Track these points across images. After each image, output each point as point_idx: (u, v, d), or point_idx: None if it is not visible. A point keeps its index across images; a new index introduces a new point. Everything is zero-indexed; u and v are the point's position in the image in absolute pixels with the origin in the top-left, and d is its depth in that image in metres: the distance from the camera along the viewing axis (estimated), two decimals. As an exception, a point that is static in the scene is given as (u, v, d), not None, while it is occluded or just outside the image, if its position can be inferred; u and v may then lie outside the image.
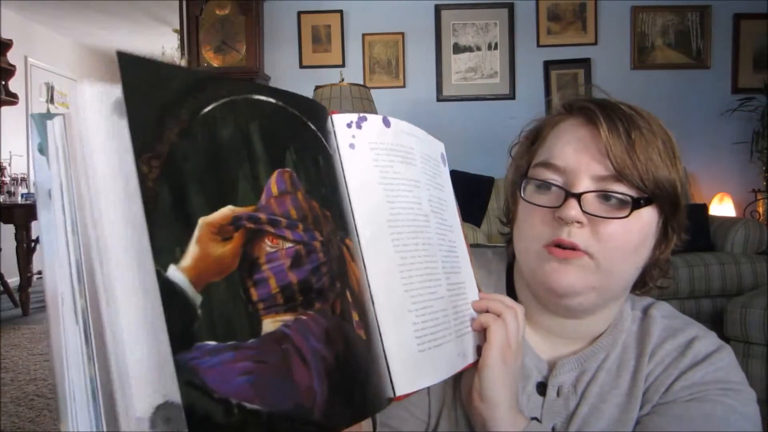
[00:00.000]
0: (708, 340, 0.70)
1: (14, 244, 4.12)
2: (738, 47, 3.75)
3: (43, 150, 0.39)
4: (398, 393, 0.46)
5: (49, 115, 0.38)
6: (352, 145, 0.49)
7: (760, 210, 3.64)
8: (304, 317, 0.40)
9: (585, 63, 3.73)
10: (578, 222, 0.61)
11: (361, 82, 3.63)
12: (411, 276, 0.49)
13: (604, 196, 0.61)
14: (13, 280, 4.47)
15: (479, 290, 0.61)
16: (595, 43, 3.74)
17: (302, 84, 3.68)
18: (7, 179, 4.76)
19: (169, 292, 0.34)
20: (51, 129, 0.38)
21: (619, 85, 3.69)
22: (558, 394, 0.69)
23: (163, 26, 5.90)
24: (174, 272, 0.34)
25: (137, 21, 5.88)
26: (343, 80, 3.32)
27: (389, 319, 0.47)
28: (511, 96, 3.73)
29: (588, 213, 0.60)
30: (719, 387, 0.65)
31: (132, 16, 5.70)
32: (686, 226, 0.68)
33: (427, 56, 3.77)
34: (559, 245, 0.61)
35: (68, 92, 6.69)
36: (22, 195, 4.60)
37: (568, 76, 3.75)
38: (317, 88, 3.36)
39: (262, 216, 0.40)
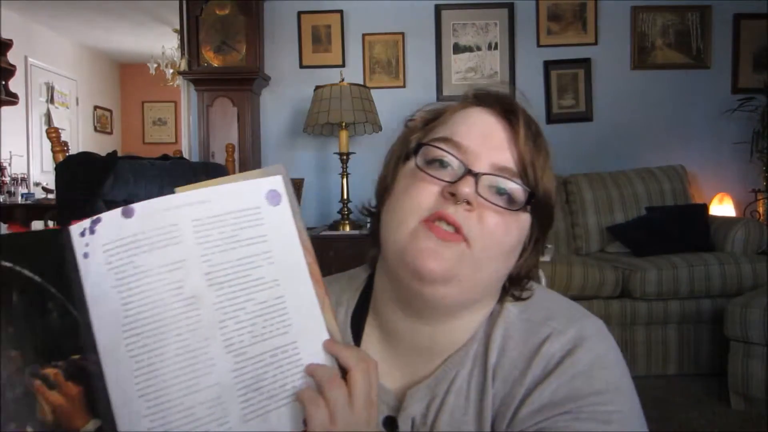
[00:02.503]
0: (564, 336, 0.60)
1: (14, 244, 4.11)
2: (738, 47, 3.74)
3: None
4: None
5: None
6: (86, 255, 0.48)
7: (760, 210, 3.64)
8: None
9: (585, 63, 3.73)
10: (468, 203, 0.57)
11: (361, 82, 3.63)
12: (149, 379, 0.47)
13: (497, 189, 0.59)
14: (13, 280, 4.46)
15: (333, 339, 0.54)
16: (595, 43, 3.74)
17: (302, 84, 3.68)
18: (7, 179, 4.76)
19: None
20: None
21: (619, 85, 3.70)
22: (412, 428, 0.62)
23: (163, 26, 5.90)
24: None
25: (137, 21, 5.88)
26: (343, 80, 3.32)
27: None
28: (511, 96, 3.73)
29: (481, 196, 0.58)
30: (573, 407, 0.55)
31: (132, 16, 5.70)
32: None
33: (427, 56, 3.77)
34: (442, 220, 0.57)
35: (68, 92, 6.70)
36: (22, 195, 4.60)
37: (568, 76, 3.75)
38: (317, 88, 3.36)
39: None
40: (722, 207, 3.59)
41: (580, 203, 3.36)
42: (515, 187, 0.59)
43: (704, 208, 3.27)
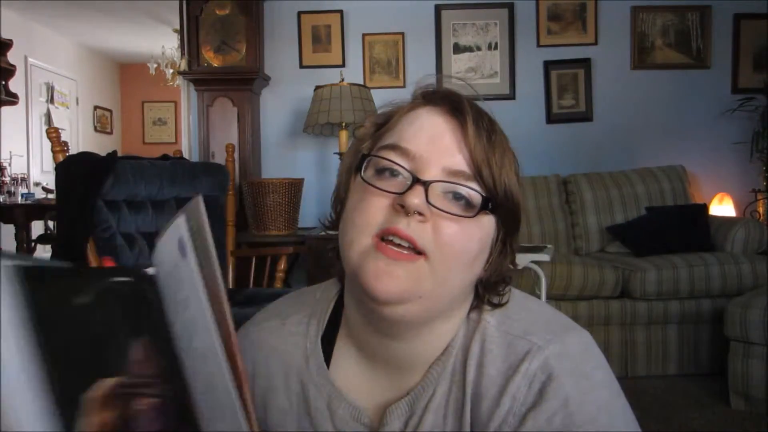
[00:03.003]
0: (544, 352, 0.55)
1: (14, 244, 4.12)
2: (738, 47, 3.74)
3: None
4: None
5: None
6: None
7: (760, 210, 3.64)
8: None
9: (585, 63, 3.73)
10: (420, 214, 0.53)
11: (361, 82, 3.63)
12: None
13: (452, 195, 0.55)
14: (13, 280, 4.45)
15: None
16: (595, 43, 3.74)
17: (302, 84, 3.69)
18: (7, 179, 4.76)
19: None
20: None
21: (619, 85, 3.70)
22: None
23: (163, 26, 5.90)
24: None
25: (137, 21, 5.89)
26: (343, 80, 3.32)
27: None
28: (511, 96, 3.73)
29: (433, 205, 0.53)
30: None
31: (132, 16, 5.71)
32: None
33: (427, 56, 3.77)
34: (394, 235, 0.53)
35: (68, 92, 6.70)
36: (22, 195, 4.60)
37: (568, 76, 3.75)
38: (317, 88, 3.36)
39: (135, 381, 0.43)
40: (722, 207, 3.59)
41: (580, 203, 3.36)
42: (470, 191, 0.55)
43: (704, 208, 3.27)
